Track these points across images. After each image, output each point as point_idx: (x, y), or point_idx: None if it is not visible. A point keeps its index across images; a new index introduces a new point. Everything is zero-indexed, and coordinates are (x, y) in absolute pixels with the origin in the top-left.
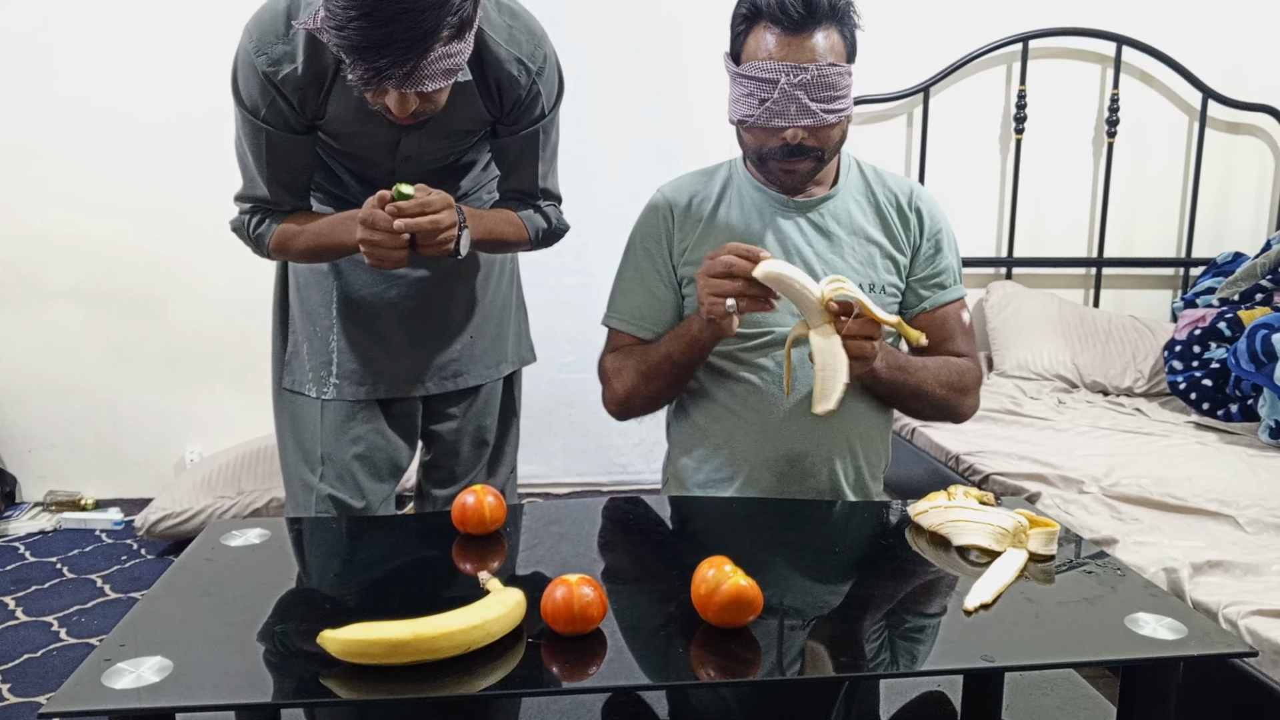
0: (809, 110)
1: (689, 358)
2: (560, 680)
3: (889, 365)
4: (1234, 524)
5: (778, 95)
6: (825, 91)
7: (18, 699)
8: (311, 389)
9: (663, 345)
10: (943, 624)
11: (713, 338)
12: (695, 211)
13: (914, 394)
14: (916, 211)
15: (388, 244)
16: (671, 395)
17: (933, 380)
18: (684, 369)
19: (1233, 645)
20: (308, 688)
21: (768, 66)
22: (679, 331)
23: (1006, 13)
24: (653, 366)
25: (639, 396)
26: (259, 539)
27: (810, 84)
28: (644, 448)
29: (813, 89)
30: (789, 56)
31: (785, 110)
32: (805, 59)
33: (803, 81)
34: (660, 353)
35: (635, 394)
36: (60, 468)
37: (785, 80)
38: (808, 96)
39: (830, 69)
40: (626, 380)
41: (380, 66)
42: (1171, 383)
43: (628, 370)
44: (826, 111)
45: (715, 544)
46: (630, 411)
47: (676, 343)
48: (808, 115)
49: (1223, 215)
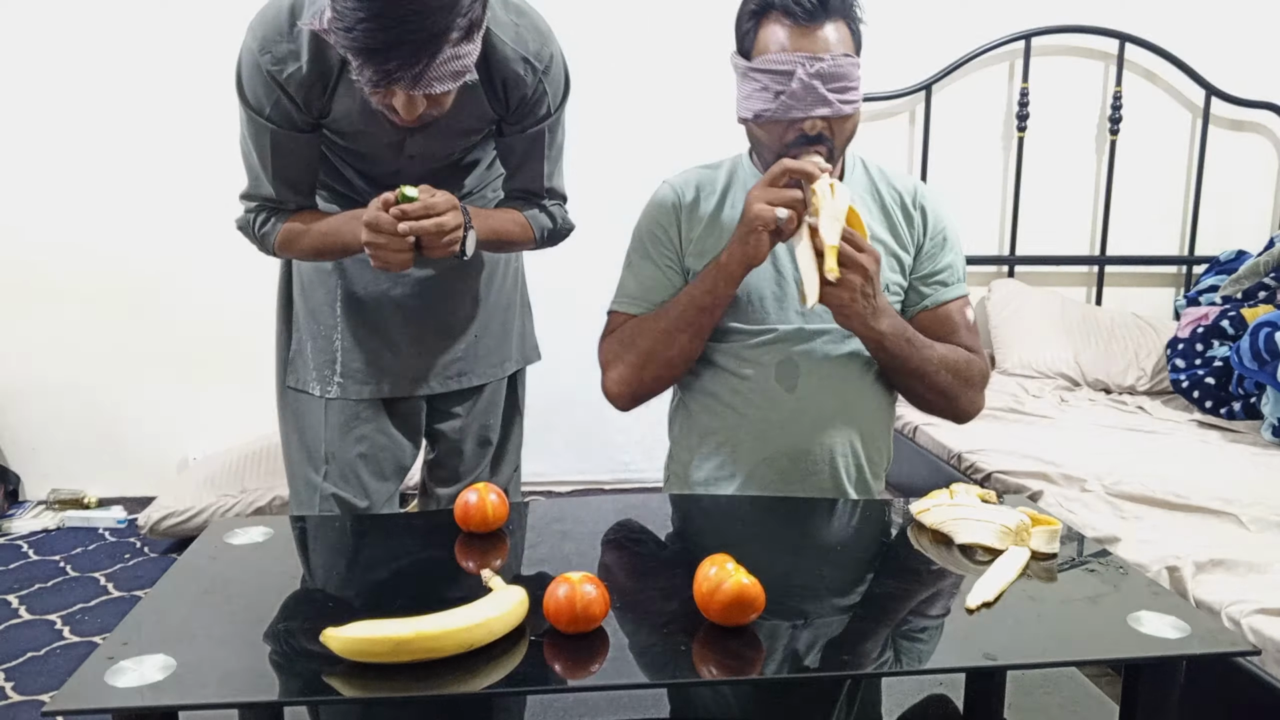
0: (826, 100)
1: (713, 297)
2: (563, 678)
3: (896, 331)
4: (1237, 522)
5: (795, 86)
6: (840, 82)
7: (21, 697)
8: (315, 388)
9: (681, 296)
10: (945, 622)
11: (741, 262)
12: (702, 204)
13: (919, 372)
14: (920, 209)
15: (393, 247)
16: (689, 355)
17: (939, 361)
18: (707, 314)
19: (1236, 644)
20: (311, 686)
21: (783, 58)
22: (700, 274)
23: (1009, 10)
24: (672, 321)
25: (654, 363)
26: (262, 537)
27: (826, 74)
28: (646, 446)
29: (829, 79)
30: (803, 47)
31: (803, 100)
32: (820, 49)
33: (819, 71)
34: (680, 303)
35: (649, 362)
36: (63, 466)
37: (802, 71)
38: (824, 86)
39: (844, 59)
40: (638, 351)
41: (389, 69)
42: (1174, 381)
43: (639, 339)
44: (843, 102)
45: (717, 542)
46: (639, 389)
47: (698, 285)
48: (825, 105)
49: (1226, 213)
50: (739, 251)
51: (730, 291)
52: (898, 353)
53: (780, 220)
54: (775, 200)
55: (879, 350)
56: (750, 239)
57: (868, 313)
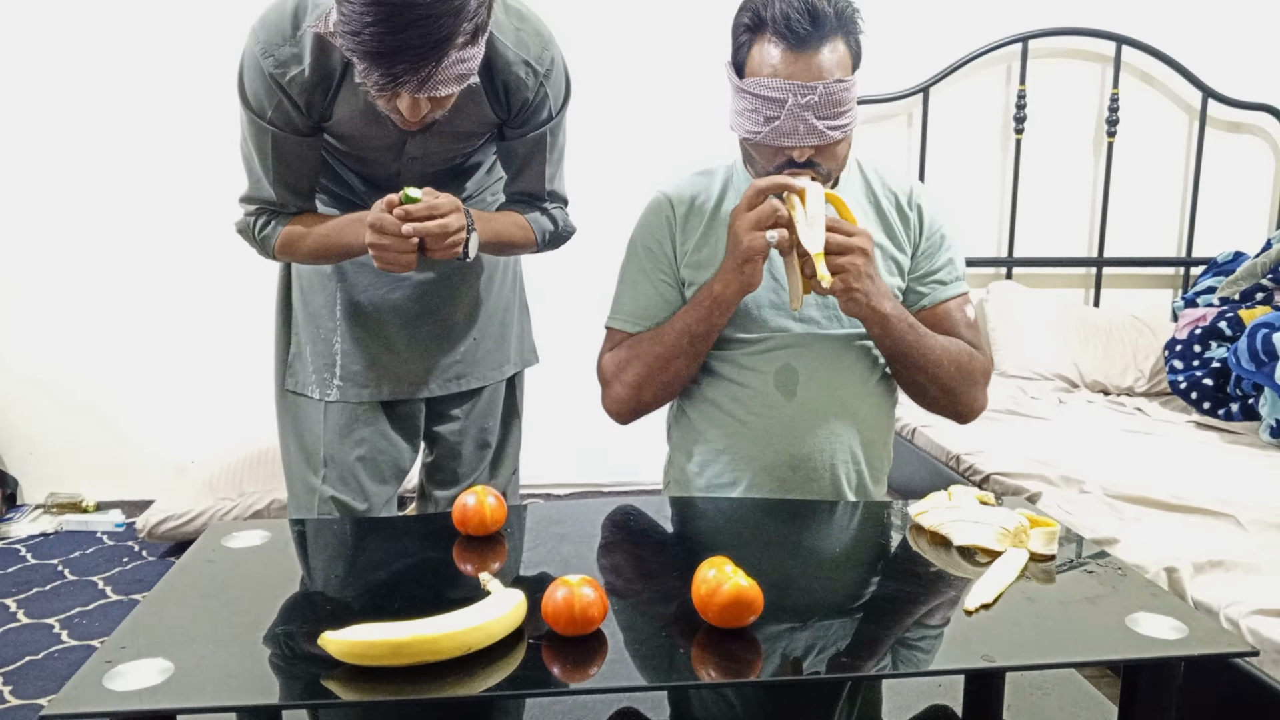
0: (816, 130)
1: (708, 325)
2: (561, 681)
3: (899, 315)
4: (1235, 523)
5: (785, 116)
6: (832, 109)
7: (19, 701)
8: (314, 391)
9: (676, 321)
10: (944, 624)
11: (738, 292)
12: (697, 211)
13: (921, 362)
14: (916, 209)
15: (397, 248)
16: (686, 378)
17: (941, 351)
18: (702, 340)
19: (1234, 645)
20: (309, 689)
21: (773, 85)
22: (696, 300)
23: (1006, 12)
24: (668, 348)
25: (651, 385)
26: (260, 540)
27: (818, 104)
28: (645, 449)
29: (820, 108)
30: (795, 75)
31: (793, 130)
32: (813, 77)
33: (810, 102)
34: (675, 329)
35: (646, 384)
36: (61, 470)
37: (793, 101)
38: (815, 116)
39: (837, 85)
40: (635, 373)
41: (396, 73)
42: (1172, 382)
43: (635, 362)
44: (833, 129)
45: (716, 544)
46: (638, 408)
47: (693, 312)
48: (815, 135)
49: (1223, 214)
50: (735, 282)
51: (725, 319)
52: (901, 337)
53: (773, 243)
54: (761, 224)
55: (884, 335)
56: (745, 269)
57: (872, 292)
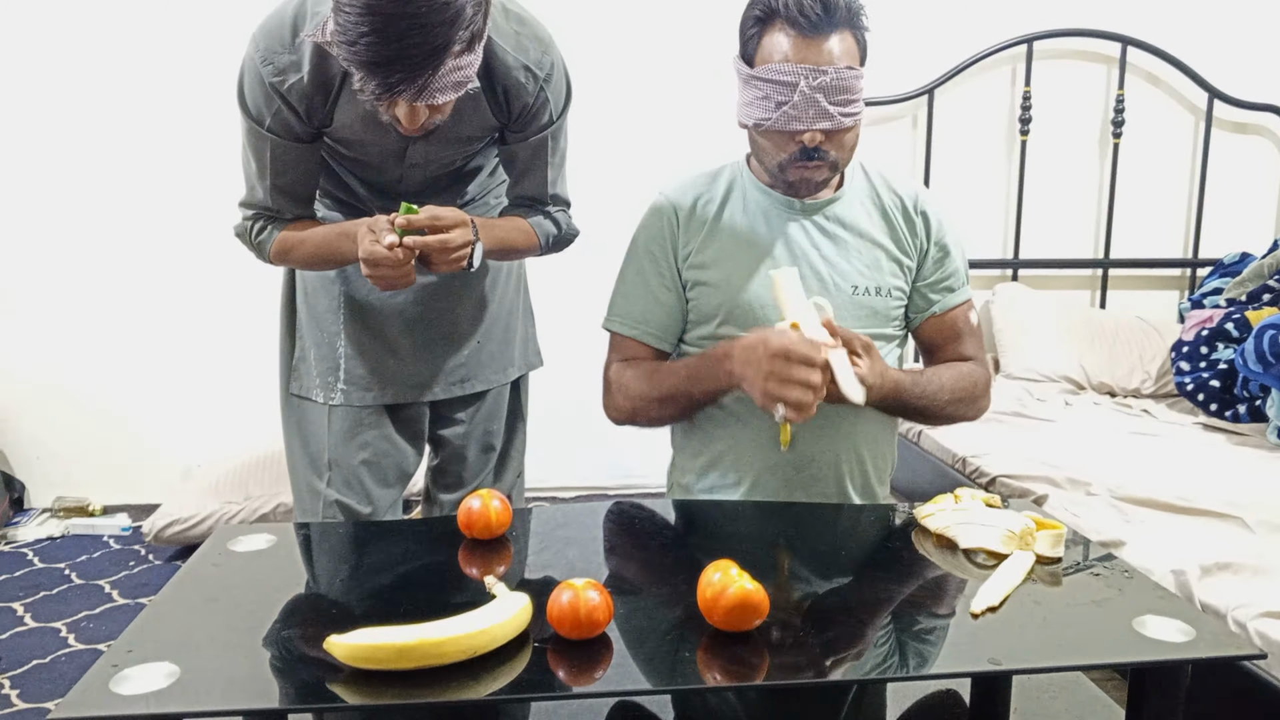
0: (827, 113)
1: (710, 398)
2: (567, 685)
3: (901, 379)
4: (1242, 525)
5: (797, 98)
6: (842, 95)
7: (26, 705)
8: (319, 394)
9: (683, 379)
10: (950, 627)
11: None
12: (700, 213)
13: (928, 409)
14: (922, 215)
15: (392, 273)
16: (682, 420)
17: (949, 394)
18: (701, 405)
19: (1241, 647)
20: (315, 693)
21: (785, 69)
22: (705, 373)
23: (1011, 14)
24: (667, 394)
25: (645, 416)
26: (266, 544)
27: (829, 87)
28: (650, 452)
29: (831, 92)
30: (807, 59)
31: (804, 114)
32: (824, 61)
33: (821, 85)
34: (679, 387)
35: (642, 413)
36: (68, 474)
37: (805, 83)
38: (826, 100)
39: (847, 72)
40: (634, 395)
41: (392, 82)
42: (1179, 384)
43: (637, 387)
44: (844, 115)
45: (721, 548)
46: (632, 424)
47: (700, 382)
48: (826, 119)
49: (1229, 216)
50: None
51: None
52: (886, 409)
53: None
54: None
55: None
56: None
57: (881, 370)
